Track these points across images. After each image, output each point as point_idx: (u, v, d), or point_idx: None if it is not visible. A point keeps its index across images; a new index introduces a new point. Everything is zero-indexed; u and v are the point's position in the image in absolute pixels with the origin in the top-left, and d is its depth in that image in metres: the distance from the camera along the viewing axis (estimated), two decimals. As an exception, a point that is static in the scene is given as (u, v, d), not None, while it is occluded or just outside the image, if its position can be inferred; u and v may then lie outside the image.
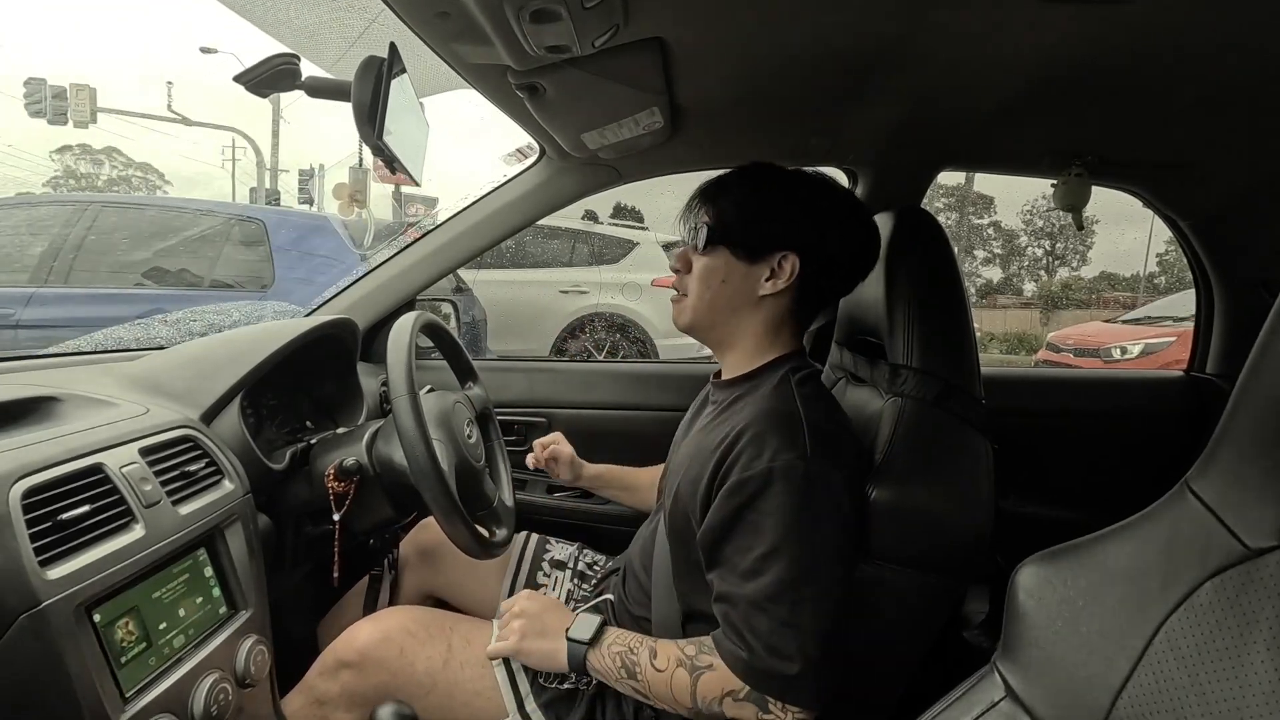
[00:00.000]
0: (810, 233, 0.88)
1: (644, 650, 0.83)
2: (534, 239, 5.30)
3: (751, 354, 0.92)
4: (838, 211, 0.90)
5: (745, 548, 0.77)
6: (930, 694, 0.57)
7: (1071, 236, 18.26)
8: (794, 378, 0.87)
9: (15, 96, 10.25)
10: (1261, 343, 0.39)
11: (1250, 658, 0.37)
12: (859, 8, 0.79)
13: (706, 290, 0.91)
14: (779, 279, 0.88)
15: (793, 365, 0.90)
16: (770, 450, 0.77)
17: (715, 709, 0.78)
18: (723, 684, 0.77)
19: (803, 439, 0.78)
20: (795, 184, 0.91)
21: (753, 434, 0.79)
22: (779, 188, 0.91)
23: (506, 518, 1.12)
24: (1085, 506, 1.43)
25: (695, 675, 0.79)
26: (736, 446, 0.80)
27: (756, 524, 0.77)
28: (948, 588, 0.89)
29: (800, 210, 0.89)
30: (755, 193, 0.90)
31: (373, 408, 1.28)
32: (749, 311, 0.91)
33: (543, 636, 0.87)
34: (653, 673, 0.81)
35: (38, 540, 0.62)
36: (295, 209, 10.42)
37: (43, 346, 1.25)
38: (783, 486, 0.76)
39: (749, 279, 0.89)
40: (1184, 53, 0.85)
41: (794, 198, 0.90)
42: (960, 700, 0.53)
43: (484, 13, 0.72)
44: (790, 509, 0.76)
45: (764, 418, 0.81)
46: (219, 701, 0.72)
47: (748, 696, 0.76)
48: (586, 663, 0.85)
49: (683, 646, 0.82)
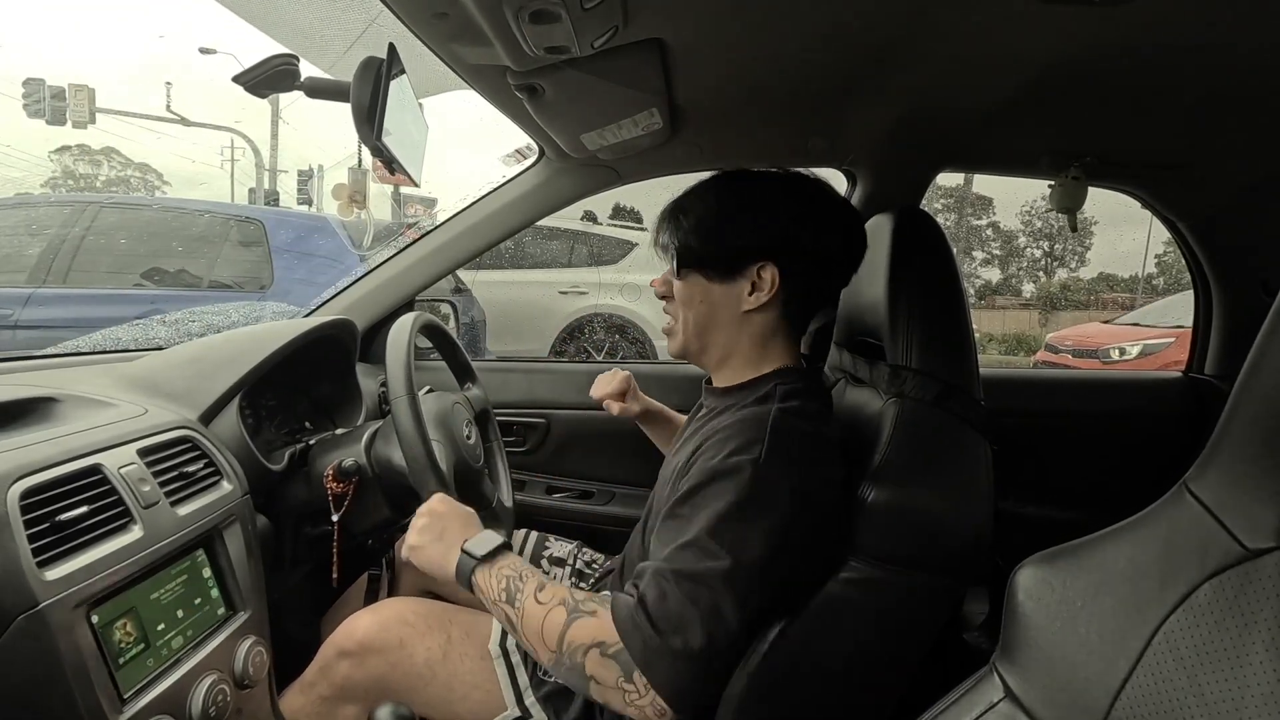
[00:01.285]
0: (783, 237, 0.85)
1: (533, 581, 0.78)
2: (533, 240, 5.30)
3: (744, 367, 0.90)
4: (808, 209, 0.87)
5: (670, 539, 0.75)
6: (929, 695, 0.57)
7: (1070, 238, 18.29)
8: (780, 390, 0.84)
9: (14, 97, 10.25)
10: (1260, 343, 0.39)
11: (1249, 659, 0.37)
12: (857, 9, 0.79)
13: (692, 316, 0.89)
14: (761, 291, 0.85)
15: (784, 379, 0.87)
16: (725, 452, 0.76)
17: (578, 659, 0.72)
18: (596, 633, 0.73)
19: (760, 444, 0.76)
20: (758, 189, 0.88)
21: (717, 435, 0.79)
22: (741, 197, 0.87)
23: (505, 518, 1.11)
24: (1084, 507, 1.43)
25: (573, 618, 0.74)
26: (701, 448, 0.80)
27: (688, 517, 0.75)
28: (947, 589, 0.89)
29: (768, 216, 0.85)
30: (718, 207, 0.87)
31: (371, 408, 1.28)
32: (737, 328, 0.89)
33: (439, 540, 0.83)
34: (532, 604, 0.76)
35: (36, 541, 0.62)
36: (294, 209, 10.42)
37: (41, 347, 1.25)
38: (723, 485, 0.74)
39: (730, 296, 0.87)
40: (1182, 54, 0.85)
41: (759, 204, 0.86)
42: (959, 701, 0.52)
43: (483, 13, 0.72)
44: (723, 507, 0.73)
45: (734, 423, 0.80)
46: (217, 702, 0.72)
47: (616, 655, 0.71)
48: (473, 577, 0.79)
49: (574, 591, 0.78)
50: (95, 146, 25.01)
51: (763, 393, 0.85)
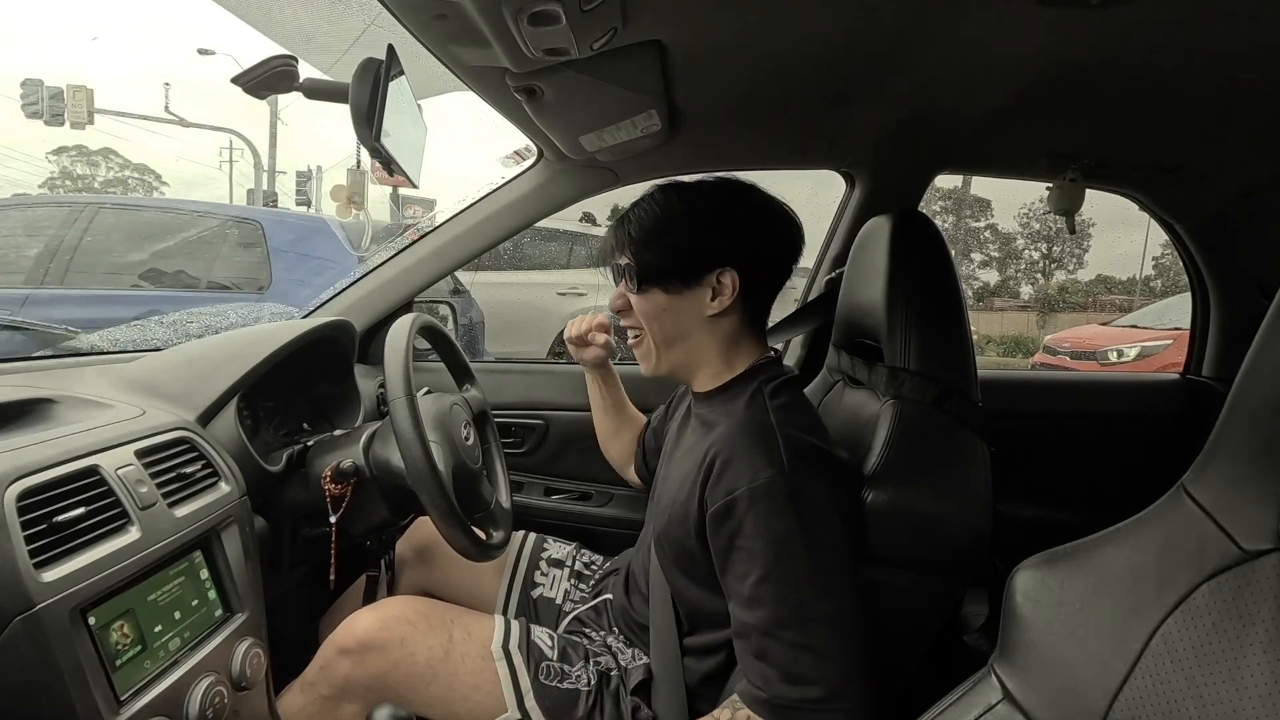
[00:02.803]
0: (740, 242, 0.86)
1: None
2: (532, 241, 5.30)
3: (719, 369, 0.91)
4: (753, 212, 0.89)
5: (742, 574, 0.76)
6: (928, 697, 0.57)
7: (1068, 240, 18.33)
8: (767, 389, 0.86)
9: (12, 97, 10.23)
10: (1258, 346, 0.39)
11: (1247, 660, 0.37)
12: (856, 11, 0.79)
13: (659, 329, 0.90)
14: (723, 296, 0.86)
15: (765, 376, 0.88)
16: (749, 471, 0.76)
17: None
18: None
19: (779, 454, 0.77)
20: (703, 198, 0.89)
21: (729, 455, 0.79)
22: (690, 207, 0.88)
23: (504, 520, 1.11)
24: (1082, 509, 1.43)
25: None
26: (714, 470, 0.79)
27: (748, 549, 0.75)
28: (945, 590, 0.89)
29: (720, 222, 0.87)
30: (669, 220, 0.88)
31: (370, 410, 1.28)
32: (703, 334, 0.89)
33: None
34: None
35: (33, 542, 0.62)
36: (293, 211, 10.40)
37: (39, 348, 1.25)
38: (766, 507, 0.74)
39: (693, 303, 0.88)
40: (1180, 56, 0.85)
41: (709, 213, 0.88)
42: (958, 703, 0.52)
43: (482, 15, 0.72)
44: (778, 529, 0.74)
45: (738, 435, 0.80)
46: (214, 705, 0.72)
47: None
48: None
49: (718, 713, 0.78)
50: (93, 147, 25.03)
51: (750, 391, 0.87)
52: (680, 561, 0.88)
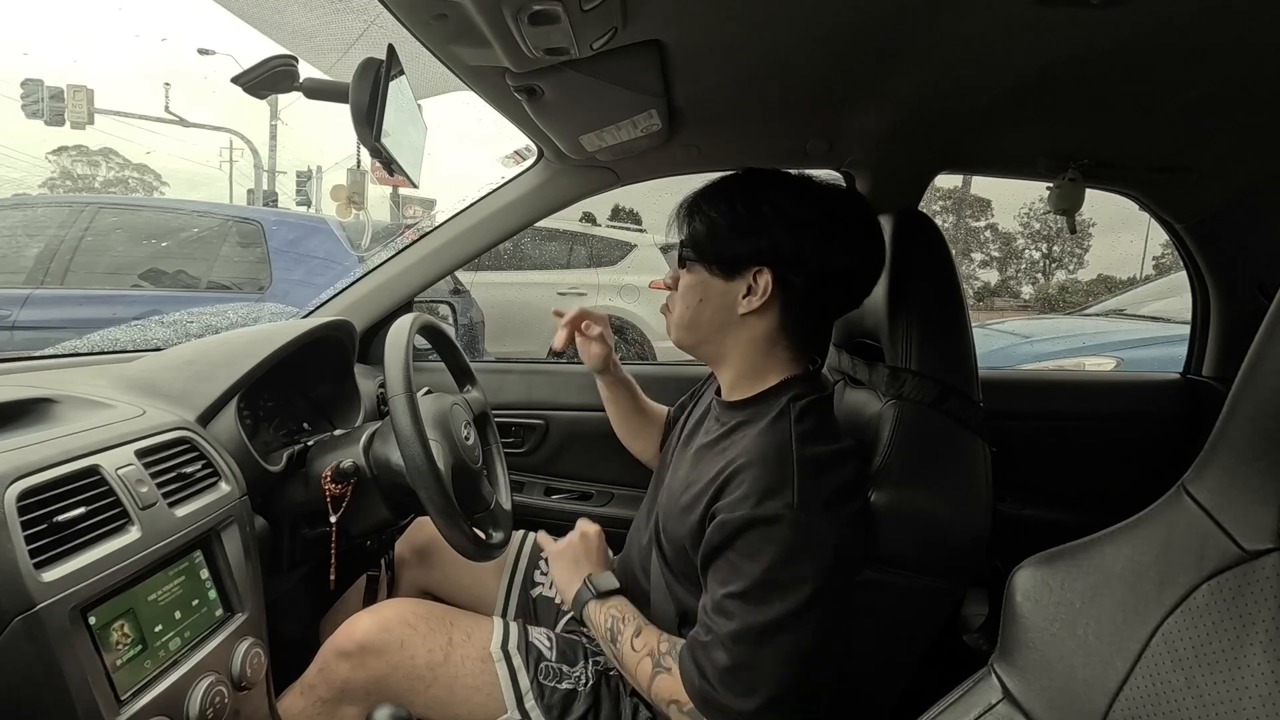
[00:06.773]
0: (784, 246, 0.83)
1: (631, 626, 0.87)
2: (532, 241, 5.29)
3: (748, 375, 0.89)
4: (818, 221, 0.84)
5: (721, 581, 0.77)
6: (928, 696, 0.57)
7: (1068, 239, 18.33)
8: (794, 409, 0.83)
9: (12, 97, 10.24)
10: (1258, 345, 0.39)
11: (1247, 660, 0.37)
12: (856, 10, 0.79)
13: (687, 309, 0.89)
14: (754, 296, 0.84)
15: (795, 393, 0.85)
16: (757, 493, 0.76)
17: (663, 708, 0.82)
18: (673, 691, 0.80)
19: (791, 485, 0.76)
20: (772, 193, 0.86)
21: (742, 477, 0.78)
22: (754, 198, 0.86)
23: (504, 520, 1.11)
24: (1082, 509, 1.44)
25: (655, 672, 0.82)
26: (728, 484, 0.79)
27: (734, 565, 0.76)
28: (945, 590, 0.89)
29: (775, 221, 0.83)
30: (728, 206, 0.86)
31: (370, 409, 1.28)
32: (733, 330, 0.88)
33: (574, 565, 0.97)
34: (628, 649, 0.85)
35: (33, 542, 0.62)
36: (293, 210, 10.40)
37: (39, 348, 1.25)
38: (764, 535, 0.75)
39: (727, 296, 0.86)
40: (1180, 55, 0.85)
41: (769, 208, 0.84)
42: (957, 703, 0.52)
43: (482, 15, 0.72)
44: (768, 559, 0.74)
45: (756, 454, 0.79)
46: (215, 704, 0.72)
47: (691, 714, 0.78)
48: (585, 608, 0.92)
49: (660, 641, 0.84)
50: (93, 147, 25.02)
51: (776, 410, 0.84)
52: (677, 561, 0.88)
